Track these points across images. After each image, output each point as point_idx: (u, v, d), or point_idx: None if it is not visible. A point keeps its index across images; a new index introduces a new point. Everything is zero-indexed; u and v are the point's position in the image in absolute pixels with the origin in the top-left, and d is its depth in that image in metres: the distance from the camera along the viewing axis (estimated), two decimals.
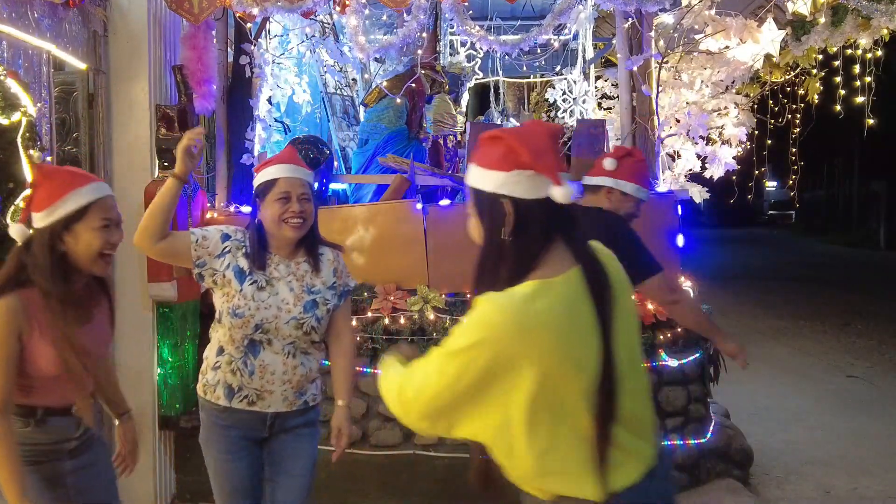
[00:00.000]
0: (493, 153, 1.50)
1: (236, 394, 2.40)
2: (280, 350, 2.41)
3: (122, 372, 3.82)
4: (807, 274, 16.11)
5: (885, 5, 3.95)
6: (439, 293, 4.01)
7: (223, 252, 2.42)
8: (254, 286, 2.38)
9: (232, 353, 2.41)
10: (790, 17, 4.43)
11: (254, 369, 2.38)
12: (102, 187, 2.16)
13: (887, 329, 9.23)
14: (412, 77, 5.05)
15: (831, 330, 9.24)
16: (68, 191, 2.05)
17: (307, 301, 2.44)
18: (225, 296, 2.41)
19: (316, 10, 3.90)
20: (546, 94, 7.16)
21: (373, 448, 3.86)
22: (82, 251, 2.07)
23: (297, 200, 2.39)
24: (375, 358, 3.91)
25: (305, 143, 4.55)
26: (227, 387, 2.40)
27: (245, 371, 2.39)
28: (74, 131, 3.74)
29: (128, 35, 3.85)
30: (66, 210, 2.03)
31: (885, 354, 7.83)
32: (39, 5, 3.16)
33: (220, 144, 4.44)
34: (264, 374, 2.39)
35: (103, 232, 2.09)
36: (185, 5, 3.85)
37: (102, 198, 2.12)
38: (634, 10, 4.04)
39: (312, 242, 2.52)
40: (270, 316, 2.37)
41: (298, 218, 2.39)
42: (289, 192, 2.38)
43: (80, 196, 2.06)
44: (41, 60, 3.22)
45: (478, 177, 1.53)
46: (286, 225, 2.38)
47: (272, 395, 2.42)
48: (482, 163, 1.53)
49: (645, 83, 4.40)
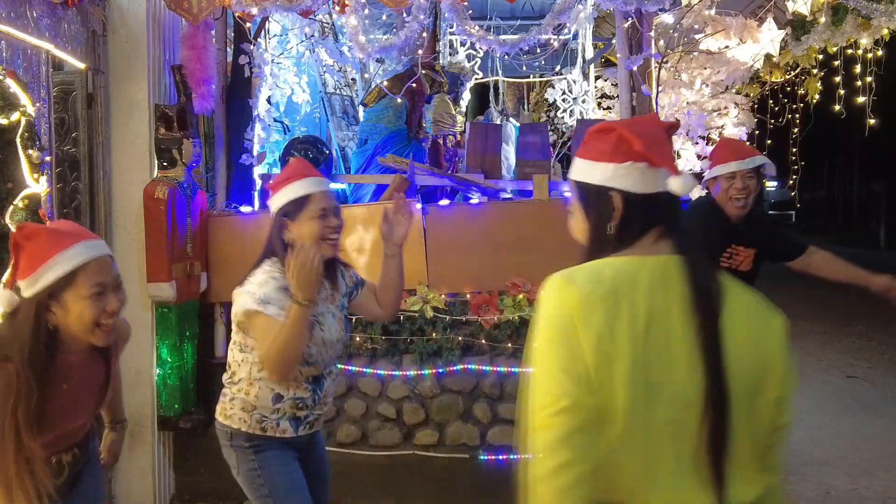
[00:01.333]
0: (602, 145, 1.38)
1: (303, 423, 2.33)
2: (330, 374, 2.40)
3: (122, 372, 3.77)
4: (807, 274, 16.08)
5: (886, 5, 3.92)
6: (439, 293, 3.98)
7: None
8: (315, 329, 2.26)
9: (297, 395, 2.28)
10: (790, 16, 4.40)
11: (320, 400, 2.35)
12: (94, 247, 1.86)
13: (887, 330, 9.20)
14: (412, 77, 5.01)
15: (831, 330, 9.23)
16: (52, 254, 1.77)
17: (346, 322, 2.44)
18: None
19: (315, 9, 3.86)
20: (546, 94, 7.16)
21: (372, 448, 3.84)
22: (73, 323, 1.81)
23: (335, 215, 2.31)
24: (374, 358, 3.91)
25: (305, 143, 4.53)
26: (293, 419, 2.31)
27: (314, 404, 2.33)
28: (73, 131, 3.72)
29: (127, 34, 3.81)
30: (50, 278, 1.76)
31: (884, 355, 7.78)
32: (38, 4, 3.12)
33: (219, 144, 4.41)
34: (326, 401, 2.40)
35: (96, 300, 1.81)
36: (185, 5, 3.80)
37: (93, 259, 1.82)
38: (634, 9, 3.99)
39: (333, 260, 2.40)
40: (327, 355, 2.32)
41: (336, 234, 2.31)
42: (326, 207, 2.28)
43: (66, 260, 1.77)
44: (40, 60, 3.19)
45: (584, 170, 1.42)
46: (325, 244, 2.27)
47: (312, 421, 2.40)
48: (589, 155, 1.41)
49: (645, 83, 4.37)
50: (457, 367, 3.81)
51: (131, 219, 3.81)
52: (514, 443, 3.77)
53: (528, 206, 4.25)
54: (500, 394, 3.81)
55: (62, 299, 1.78)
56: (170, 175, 3.79)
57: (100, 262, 1.84)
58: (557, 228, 3.97)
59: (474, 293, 3.97)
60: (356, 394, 3.85)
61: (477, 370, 3.81)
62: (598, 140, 1.40)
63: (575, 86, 6.52)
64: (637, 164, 1.34)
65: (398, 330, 3.90)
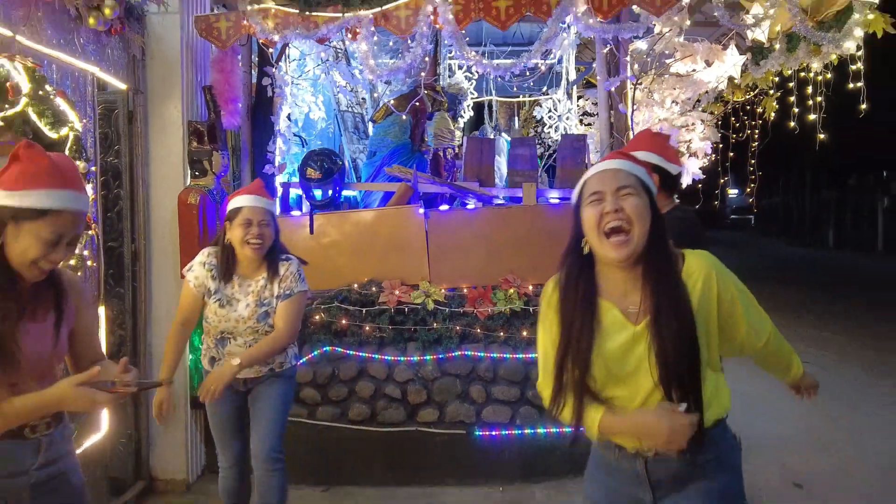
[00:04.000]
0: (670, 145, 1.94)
1: (216, 364, 2.77)
2: (242, 343, 2.73)
3: (159, 356, 3.82)
4: (765, 271, 16.18)
5: (833, 34, 3.95)
6: (439, 288, 4.02)
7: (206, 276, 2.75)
8: (217, 304, 2.71)
9: (209, 344, 2.81)
10: (750, 43, 4.44)
11: (223, 355, 2.75)
12: (77, 200, 1.65)
13: (836, 320, 9.26)
14: (415, 96, 5.05)
15: (786, 321, 9.23)
16: (39, 185, 1.57)
17: (260, 313, 2.71)
18: (205, 305, 2.76)
19: (330, 36, 3.90)
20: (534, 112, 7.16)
21: (379, 426, 3.87)
22: (15, 252, 1.58)
23: (258, 226, 2.64)
24: (382, 346, 3.94)
25: (320, 155, 4.55)
26: (211, 359, 2.80)
27: (218, 354, 2.77)
28: (116, 144, 3.74)
29: (163, 59, 3.86)
30: (24, 203, 1.56)
31: (834, 343, 7.82)
32: (85, 32, 3.16)
33: (244, 156, 4.45)
34: (231, 356, 2.70)
35: (47, 245, 1.59)
36: (214, 32, 3.86)
37: (68, 210, 1.61)
38: (612, 37, 4.05)
39: (272, 260, 2.74)
40: (230, 327, 2.72)
41: (258, 240, 2.64)
42: (251, 218, 2.64)
43: (47, 198, 1.58)
44: (86, 81, 3.22)
45: (650, 183, 1.65)
46: (247, 246, 2.65)
47: None
48: (668, 154, 2.13)
49: (621, 102, 4.41)
50: (455, 354, 3.86)
51: (167, 221, 3.86)
52: (508, 418, 3.81)
53: (518, 211, 4.31)
54: (494, 377, 3.86)
55: (20, 226, 1.57)
56: (201, 183, 3.85)
57: (73, 215, 1.64)
58: (544, 230, 4.07)
59: (471, 288, 4.02)
60: (366, 377, 3.89)
61: (473, 356, 3.86)
62: (665, 140, 1.92)
63: (560, 104, 6.55)
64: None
65: (403, 320, 3.93)
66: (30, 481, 1.60)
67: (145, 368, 3.84)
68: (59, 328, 1.72)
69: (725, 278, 1.61)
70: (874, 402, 5.50)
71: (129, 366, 1.68)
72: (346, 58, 5.33)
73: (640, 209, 1.54)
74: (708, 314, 1.57)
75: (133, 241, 3.79)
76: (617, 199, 1.54)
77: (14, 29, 2.61)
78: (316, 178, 4.47)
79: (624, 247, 1.53)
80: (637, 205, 1.54)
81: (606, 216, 1.53)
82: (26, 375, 1.60)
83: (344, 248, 4.18)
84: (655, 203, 1.61)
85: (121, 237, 3.75)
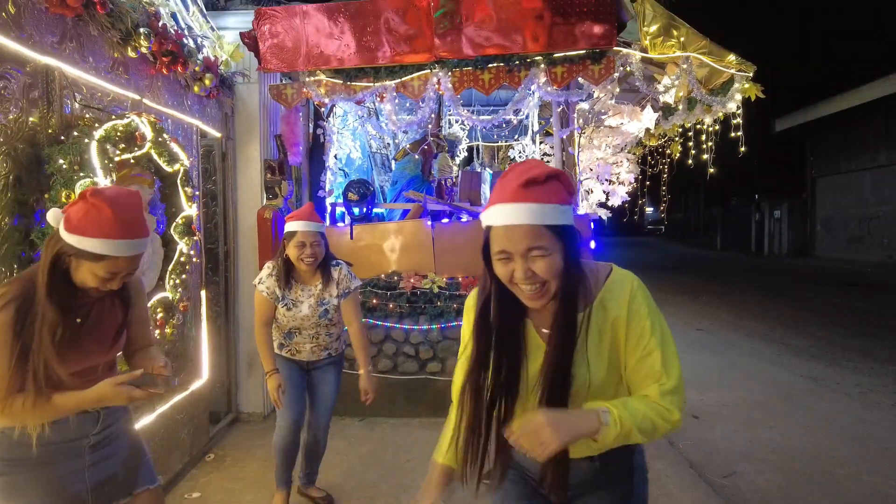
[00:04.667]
0: (558, 190, 1.02)
1: (283, 350, 2.52)
2: (307, 336, 2.50)
3: (243, 323, 3.81)
4: (672, 265, 16.16)
5: (720, 98, 3.96)
6: (442, 277, 4.00)
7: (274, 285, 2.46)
8: (285, 308, 2.43)
9: (278, 335, 2.52)
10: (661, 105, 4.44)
11: (290, 343, 2.51)
12: (134, 246, 1.35)
13: (723, 300, 9.26)
14: (425, 142, 5.05)
15: (686, 300, 9.26)
16: (97, 234, 1.30)
17: (320, 311, 2.46)
18: (275, 309, 2.47)
19: (364, 99, 3.89)
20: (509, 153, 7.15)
21: (400, 375, 3.85)
22: (78, 279, 1.36)
23: (310, 246, 2.37)
24: (401, 318, 3.90)
25: (357, 184, 4.55)
26: (279, 345, 2.53)
27: (286, 342, 2.51)
28: (213, 175, 3.74)
29: (246, 115, 3.86)
30: (81, 246, 1.31)
31: (721, 316, 7.82)
32: (191, 96, 3.16)
33: (304, 184, 4.44)
34: (297, 345, 2.51)
35: (102, 281, 1.36)
36: (283, 96, 3.85)
37: (123, 257, 1.34)
38: (564, 100, 4.04)
39: (325, 268, 2.47)
40: (297, 324, 2.46)
41: (311, 258, 2.38)
42: (304, 241, 2.37)
43: (104, 247, 1.31)
44: (192, 131, 3.22)
45: (556, 214, 1.02)
46: (302, 262, 2.38)
47: (300, 353, 2.52)
48: (555, 199, 1.02)
49: (570, 146, 4.41)
50: (453, 324, 3.84)
51: (249, 231, 3.86)
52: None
53: None
54: None
55: (80, 262, 1.34)
56: (273, 203, 3.84)
57: (128, 260, 1.36)
58: None
59: (465, 277, 4.01)
60: (390, 340, 3.87)
61: None
62: (555, 186, 1.03)
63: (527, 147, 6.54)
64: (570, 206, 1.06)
65: (416, 300, 3.92)
66: (90, 442, 1.45)
67: (233, 332, 3.84)
68: (123, 328, 1.49)
69: (641, 303, 1.08)
70: (745, 355, 5.50)
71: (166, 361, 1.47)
72: (376, 114, 5.34)
73: (553, 267, 1.03)
74: (615, 337, 1.09)
75: (225, 244, 3.78)
76: (527, 262, 1.02)
77: (141, 94, 2.61)
78: (354, 199, 4.47)
79: (539, 299, 1.06)
80: (549, 265, 1.02)
81: (518, 279, 1.04)
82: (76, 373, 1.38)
83: (374, 249, 4.17)
84: (572, 237, 1.05)
85: (216, 241, 3.75)
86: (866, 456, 3.22)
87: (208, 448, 3.35)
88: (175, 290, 2.71)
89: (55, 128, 2.00)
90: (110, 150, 2.13)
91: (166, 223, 2.73)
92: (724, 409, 4.04)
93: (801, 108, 17.83)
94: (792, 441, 3.45)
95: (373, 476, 3.01)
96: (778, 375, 4.84)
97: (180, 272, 2.73)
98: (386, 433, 3.60)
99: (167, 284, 2.67)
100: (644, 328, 1.07)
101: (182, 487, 2.89)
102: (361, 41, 3.57)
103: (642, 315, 1.07)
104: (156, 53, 2.62)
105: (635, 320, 1.07)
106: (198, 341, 3.19)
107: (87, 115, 2.16)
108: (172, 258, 2.71)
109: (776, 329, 6.83)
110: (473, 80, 3.65)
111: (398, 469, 3.09)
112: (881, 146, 16.00)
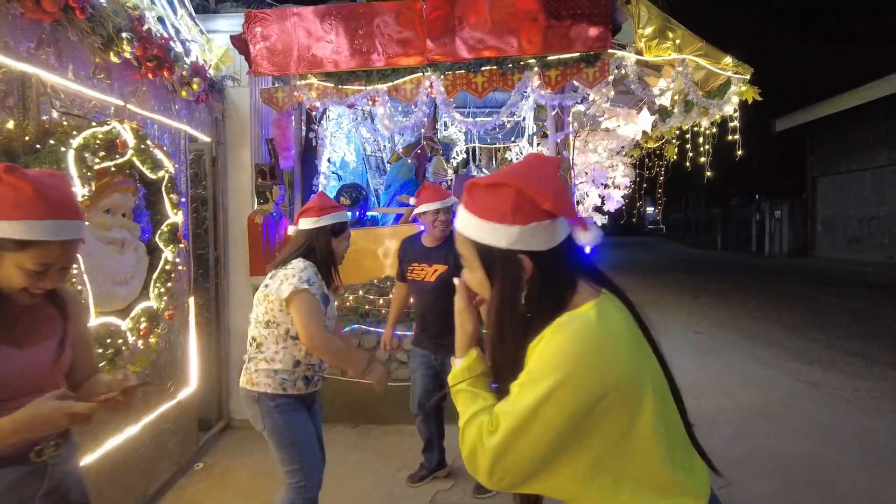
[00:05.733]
0: (500, 203, 0.83)
1: (311, 381, 2.01)
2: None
3: (235, 332, 3.76)
4: (671, 265, 16.12)
5: (717, 100, 3.91)
6: None
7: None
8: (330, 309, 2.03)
9: (311, 361, 1.98)
10: (658, 107, 4.39)
11: (324, 364, 2.05)
12: (65, 228, 1.11)
13: (723, 301, 9.20)
14: (419, 145, 5.00)
15: (685, 301, 9.21)
16: (19, 215, 1.06)
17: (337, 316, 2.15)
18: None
19: (357, 103, 3.84)
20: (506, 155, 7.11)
21: (393, 381, 3.77)
22: (3, 281, 1.11)
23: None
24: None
25: (350, 188, 4.52)
26: (305, 378, 1.98)
27: (320, 368, 2.03)
28: (203, 180, 3.71)
29: (237, 119, 3.82)
30: (3, 234, 1.06)
31: (720, 318, 7.76)
32: (179, 101, 3.12)
33: (296, 188, 4.39)
34: (323, 366, 2.06)
35: (32, 277, 1.11)
36: (274, 100, 3.80)
37: (54, 242, 1.10)
38: (558, 103, 3.98)
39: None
40: (328, 323, 1.99)
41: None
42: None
43: (28, 229, 1.06)
44: (181, 136, 3.18)
45: (482, 230, 0.85)
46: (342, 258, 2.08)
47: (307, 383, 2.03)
48: (487, 215, 0.84)
49: (566, 149, 4.36)
50: None
51: (240, 236, 3.81)
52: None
53: None
54: None
55: (2, 256, 1.09)
56: (264, 208, 3.80)
57: (61, 245, 1.11)
58: None
59: None
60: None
61: None
62: (493, 196, 0.85)
63: (524, 150, 6.50)
64: (543, 223, 0.84)
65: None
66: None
67: (224, 338, 3.80)
68: (64, 342, 1.24)
69: (545, 357, 0.82)
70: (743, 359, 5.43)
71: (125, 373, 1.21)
72: (369, 117, 5.30)
73: (475, 282, 0.91)
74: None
75: (216, 250, 3.74)
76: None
77: (126, 100, 2.56)
78: (347, 203, 4.43)
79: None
80: (472, 279, 0.91)
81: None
82: (20, 392, 1.12)
83: (367, 254, 4.13)
84: (505, 266, 0.86)
85: (207, 247, 3.71)
86: (865, 463, 3.16)
87: (198, 457, 3.30)
88: (160, 298, 2.67)
89: (32, 136, 1.96)
90: (89, 159, 2.08)
91: (151, 231, 2.69)
92: (721, 415, 3.98)
93: (801, 108, 17.77)
94: (790, 448, 3.39)
95: (365, 484, 2.95)
96: (776, 380, 4.78)
97: (165, 280, 2.69)
98: (378, 440, 3.55)
99: (151, 293, 2.63)
100: (524, 374, 0.83)
101: (170, 498, 2.85)
102: (354, 44, 3.51)
103: (531, 369, 0.82)
104: (140, 58, 2.57)
105: (529, 362, 0.84)
106: (185, 349, 3.14)
107: (66, 123, 2.11)
108: (157, 266, 2.67)
109: (776, 331, 6.77)
110: (466, 84, 3.59)
111: (390, 477, 3.04)
112: (881, 146, 15.94)
